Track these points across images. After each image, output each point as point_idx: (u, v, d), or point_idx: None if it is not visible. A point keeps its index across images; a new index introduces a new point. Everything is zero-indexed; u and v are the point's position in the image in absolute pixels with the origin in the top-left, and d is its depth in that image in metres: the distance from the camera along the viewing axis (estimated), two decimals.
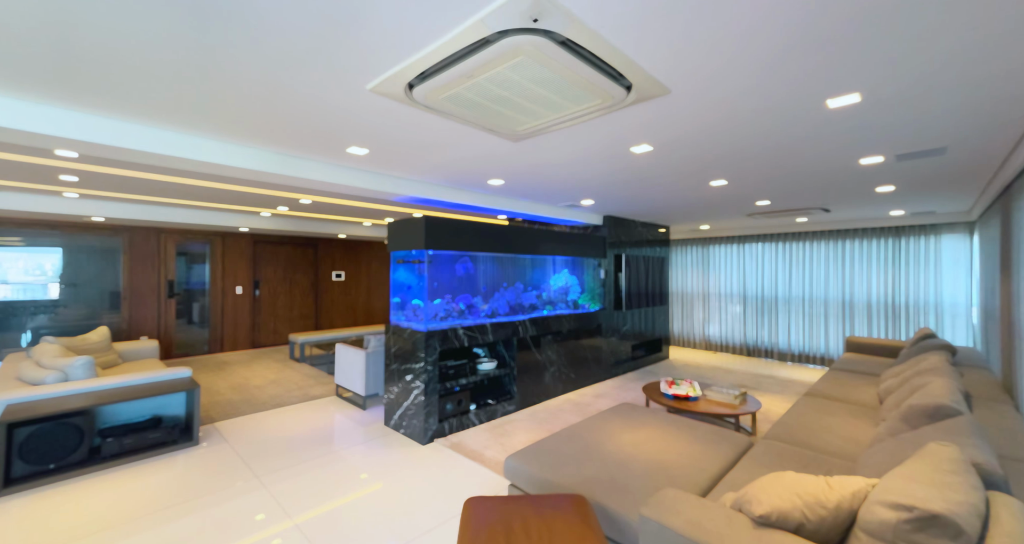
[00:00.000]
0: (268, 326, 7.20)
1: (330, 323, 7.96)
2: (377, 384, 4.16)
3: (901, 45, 1.35)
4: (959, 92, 1.64)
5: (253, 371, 5.51)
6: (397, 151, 2.64)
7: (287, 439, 3.34)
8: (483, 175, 3.23)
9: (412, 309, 3.56)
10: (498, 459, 3.02)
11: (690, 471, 2.11)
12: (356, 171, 3.11)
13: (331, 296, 7.96)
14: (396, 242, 3.60)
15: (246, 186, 3.72)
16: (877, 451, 1.92)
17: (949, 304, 5.13)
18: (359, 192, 3.30)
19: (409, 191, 3.43)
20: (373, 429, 3.58)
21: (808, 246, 6.14)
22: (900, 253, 5.44)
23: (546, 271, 4.72)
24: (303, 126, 2.19)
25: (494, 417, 3.82)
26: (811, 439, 2.55)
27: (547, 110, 1.79)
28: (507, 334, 3.95)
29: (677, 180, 3.29)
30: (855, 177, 3.18)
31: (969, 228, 5.01)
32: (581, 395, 4.58)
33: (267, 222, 6.08)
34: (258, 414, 3.90)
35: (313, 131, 2.27)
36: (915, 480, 1.28)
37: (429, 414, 3.30)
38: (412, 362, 3.39)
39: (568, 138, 2.34)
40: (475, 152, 2.64)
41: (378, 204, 4.79)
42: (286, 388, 4.74)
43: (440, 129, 2.23)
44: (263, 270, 7.17)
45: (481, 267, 4.03)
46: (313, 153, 2.69)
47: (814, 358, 6.07)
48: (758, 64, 1.48)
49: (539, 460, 2.25)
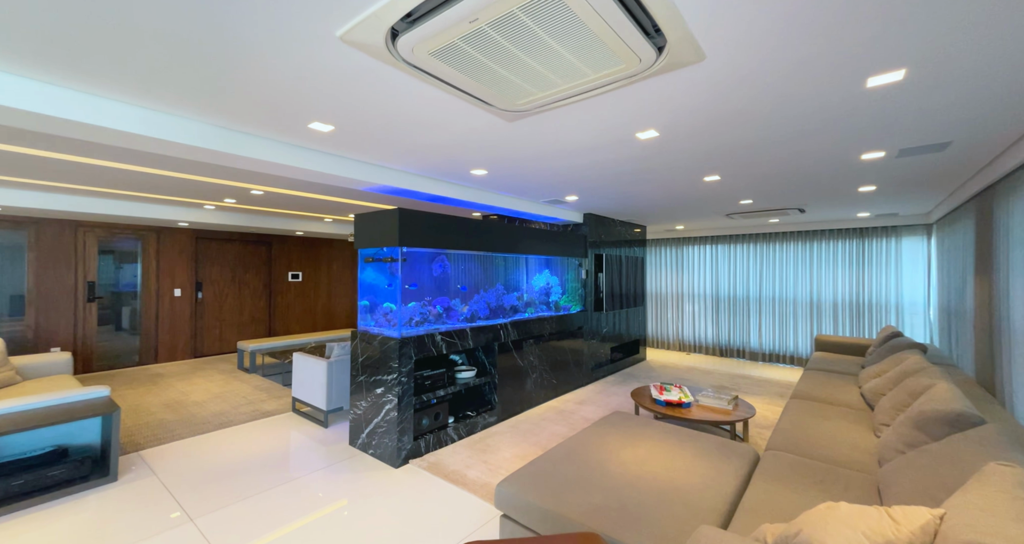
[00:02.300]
0: (213, 332, 6.44)
1: (286, 328, 7.28)
2: (341, 397, 3.71)
3: (955, 19, 1.18)
4: (1002, 76, 1.52)
5: (193, 385, 4.84)
6: (370, 130, 2.26)
7: (233, 466, 2.85)
8: (467, 163, 2.91)
9: (383, 313, 3.16)
10: (483, 481, 2.69)
11: (705, 493, 1.90)
12: (318, 154, 2.69)
13: (287, 299, 7.28)
14: (364, 238, 3.19)
15: (184, 173, 3.17)
16: (904, 466, 1.78)
17: (909, 303, 5.36)
18: (321, 179, 2.87)
19: (380, 180, 3.03)
20: (337, 450, 3.15)
21: (778, 247, 6.26)
22: (864, 254, 5.63)
23: (527, 271, 4.45)
24: (252, 90, 1.78)
25: (474, 431, 3.48)
26: (816, 449, 2.42)
27: (560, 77, 1.51)
28: (488, 339, 3.63)
29: (673, 174, 3.11)
30: (848, 174, 3.14)
31: (927, 230, 5.25)
32: (564, 402, 4.34)
33: (212, 216, 5.40)
34: (198, 437, 3.34)
35: (265, 98, 1.86)
36: (993, 513, 1.11)
37: (403, 431, 2.93)
38: (383, 373, 2.99)
39: (571, 118, 2.07)
40: (463, 133, 2.31)
41: (341, 197, 4.32)
42: (233, 404, 4.16)
43: (425, 101, 1.89)
44: (207, 270, 6.41)
45: (459, 266, 3.68)
46: (265, 128, 2.26)
47: (785, 357, 6.19)
48: (808, 32, 1.28)
49: (537, 485, 1.96)
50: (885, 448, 2.24)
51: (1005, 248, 2.61)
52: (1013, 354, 2.50)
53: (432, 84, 1.74)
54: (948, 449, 1.71)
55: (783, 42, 1.35)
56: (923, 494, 1.55)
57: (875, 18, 1.23)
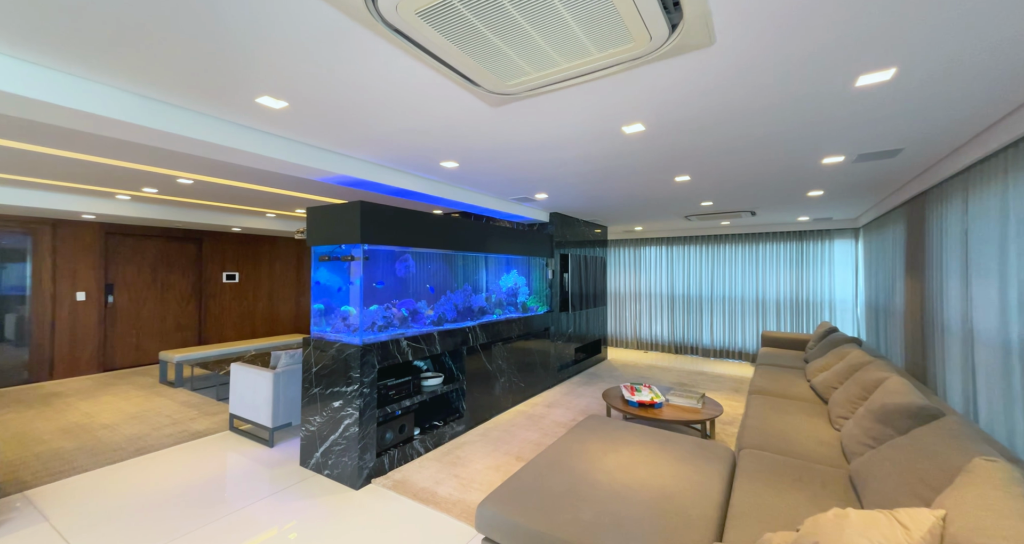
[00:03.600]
0: (127, 342, 5.60)
1: (219, 335, 6.51)
2: (290, 412, 3.31)
3: (946, 21, 1.20)
4: (985, 76, 1.59)
5: (101, 404, 4.13)
6: (332, 110, 1.98)
7: (153, 501, 2.40)
8: (439, 154, 2.68)
9: (341, 317, 2.85)
10: (456, 497, 2.49)
11: (695, 500, 1.85)
12: (267, 136, 2.34)
13: (220, 302, 6.52)
14: (320, 234, 2.85)
15: (91, 154, 2.64)
16: (878, 461, 1.84)
17: (840, 300, 5.86)
18: (269, 166, 2.51)
19: (339, 169, 2.72)
20: (285, 472, 2.78)
21: (728, 249, 6.61)
22: (802, 255, 6.09)
23: (495, 271, 4.28)
24: (184, 49, 1.46)
25: (442, 442, 3.25)
26: (786, 445, 2.49)
27: (561, 55, 1.37)
28: (456, 343, 3.42)
29: (648, 172, 3.10)
30: (805, 178, 3.31)
31: (855, 234, 5.78)
32: (533, 405, 4.22)
33: (127, 208, 4.67)
34: (107, 468, 2.81)
35: (201, 60, 1.54)
36: (996, 513, 1.12)
37: (365, 448, 2.64)
38: (342, 384, 2.68)
39: (559, 106, 1.94)
40: (441, 118, 2.10)
41: (288, 190, 3.89)
42: (154, 424, 3.59)
43: (403, 77, 1.67)
44: (121, 270, 5.57)
45: (425, 266, 3.44)
46: (201, 100, 1.90)
47: (734, 353, 6.54)
48: (815, 22, 1.24)
49: (521, 503, 1.80)
50: (850, 441, 2.33)
51: (939, 250, 2.87)
52: (947, 348, 2.74)
53: (413, 55, 1.52)
54: (918, 442, 1.78)
55: (790, 31, 1.31)
56: (906, 491, 1.59)
57: (879, 12, 1.22)
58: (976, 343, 2.37)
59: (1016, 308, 1.98)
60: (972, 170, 2.41)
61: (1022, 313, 1.93)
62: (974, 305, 2.38)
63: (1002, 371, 2.10)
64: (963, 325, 2.54)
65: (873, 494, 1.72)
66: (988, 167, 2.23)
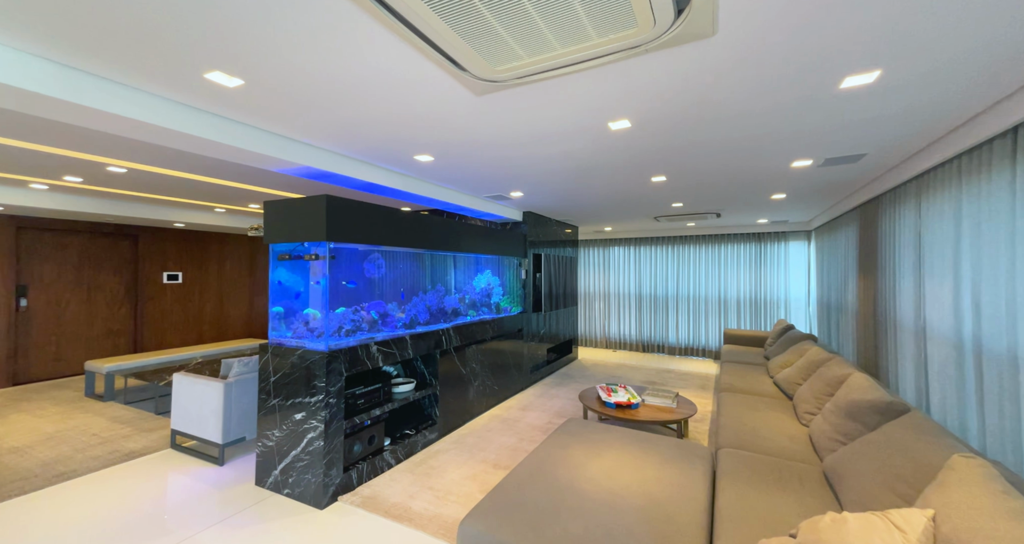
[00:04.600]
0: (45, 351, 4.95)
1: (159, 342, 5.92)
2: (244, 426, 3.01)
3: (935, 25, 1.23)
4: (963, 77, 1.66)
5: (9, 424, 3.60)
6: (296, 91, 1.78)
7: (70, 538, 2.07)
8: (413, 145, 2.51)
9: (304, 321, 2.61)
10: (432, 512, 2.34)
11: (683, 505, 1.82)
12: (220, 120, 2.08)
13: (160, 305, 5.93)
14: (279, 231, 2.60)
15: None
16: (853, 458, 1.88)
17: (794, 299, 6.21)
18: (221, 154, 2.24)
19: (302, 159, 2.49)
20: (239, 494, 2.51)
21: (693, 249, 6.83)
22: (761, 256, 6.39)
23: (469, 271, 4.14)
24: (117, 7, 1.23)
25: (414, 451, 3.08)
26: (761, 442, 2.53)
27: (559, 39, 1.27)
28: (429, 346, 3.25)
29: (627, 171, 3.08)
30: (772, 180, 3.42)
31: (807, 236, 6.13)
32: (507, 409, 4.11)
33: (44, 199, 4.10)
34: (14, 501, 2.41)
35: (137, 23, 1.31)
36: (986, 512, 1.14)
37: (331, 463, 2.43)
38: (305, 394, 2.45)
39: (547, 98, 1.84)
40: (420, 105, 1.94)
41: (240, 183, 3.55)
42: (77, 445, 3.15)
43: (381, 57, 1.51)
44: (37, 269, 4.91)
45: (397, 266, 3.24)
46: (141, 74, 1.64)
47: (698, 350, 6.76)
48: (814, 17, 1.23)
49: (507, 519, 1.70)
50: (820, 437, 2.41)
51: (893, 251, 3.05)
52: (900, 344, 2.91)
53: (395, 32, 1.37)
54: (890, 438, 1.84)
55: (790, 25, 1.29)
56: (884, 488, 1.62)
57: (872, 14, 1.22)
58: (929, 339, 2.52)
59: (969, 306, 2.11)
60: (926, 175, 2.56)
61: (975, 310, 2.05)
62: (927, 303, 2.54)
63: (955, 366, 2.23)
64: (916, 322, 2.70)
65: (851, 492, 1.76)
66: (943, 173, 2.37)
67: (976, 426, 2.05)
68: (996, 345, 1.90)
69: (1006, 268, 1.83)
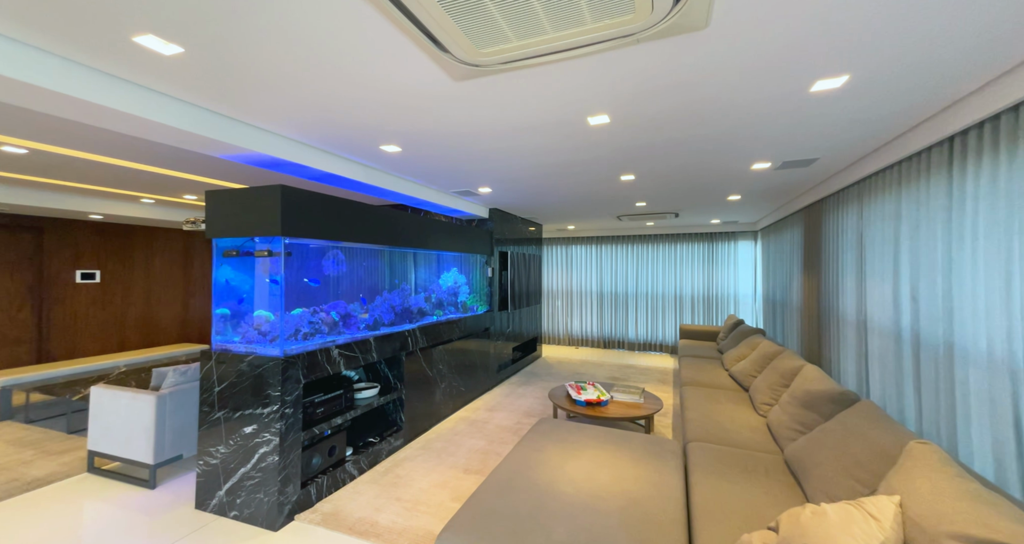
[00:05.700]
0: None
1: (71, 350, 5.18)
2: (180, 443, 2.68)
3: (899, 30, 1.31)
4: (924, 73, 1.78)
5: None
6: (248, 64, 1.56)
7: None
8: (381, 134, 2.34)
9: (254, 324, 2.36)
10: (402, 526, 2.20)
11: (661, 503, 1.83)
12: (154, 94, 1.80)
13: (72, 307, 5.19)
14: (224, 225, 2.32)
15: None
16: (813, 447, 1.98)
17: (743, 295, 6.61)
18: (155, 135, 1.95)
19: (252, 145, 2.23)
20: (175, 520, 2.23)
21: (651, 248, 7.07)
22: (712, 255, 6.74)
23: (434, 269, 3.98)
24: None
25: (379, 460, 2.90)
26: (725, 434, 2.62)
27: (552, 22, 1.20)
28: (394, 348, 3.07)
29: (598, 169, 3.08)
30: (730, 181, 3.58)
31: (754, 236, 6.55)
32: (474, 410, 4.01)
33: None
34: None
35: None
36: (947, 495, 1.21)
37: (287, 479, 2.21)
38: (256, 405, 2.21)
39: (529, 86, 1.77)
40: (392, 90, 1.79)
41: (173, 170, 3.15)
42: None
43: (353, 32, 1.36)
44: None
45: (359, 264, 3.03)
46: (47, 31, 1.36)
47: (656, 345, 7.02)
48: (801, 16, 1.25)
49: (487, 531, 1.62)
50: (779, 427, 2.54)
51: (836, 250, 3.29)
52: (843, 336, 3.16)
53: (373, 3, 1.23)
54: (846, 427, 1.96)
55: (782, 20, 1.31)
56: (846, 475, 1.72)
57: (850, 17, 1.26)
58: (869, 332, 2.74)
59: (907, 300, 2.31)
60: (869, 180, 2.78)
61: (913, 305, 2.24)
62: (868, 298, 2.76)
63: (894, 355, 2.44)
64: (858, 316, 2.93)
65: (815, 480, 1.85)
66: (884, 177, 2.58)
67: (913, 412, 2.24)
68: (932, 336, 2.08)
69: (942, 265, 2.01)
